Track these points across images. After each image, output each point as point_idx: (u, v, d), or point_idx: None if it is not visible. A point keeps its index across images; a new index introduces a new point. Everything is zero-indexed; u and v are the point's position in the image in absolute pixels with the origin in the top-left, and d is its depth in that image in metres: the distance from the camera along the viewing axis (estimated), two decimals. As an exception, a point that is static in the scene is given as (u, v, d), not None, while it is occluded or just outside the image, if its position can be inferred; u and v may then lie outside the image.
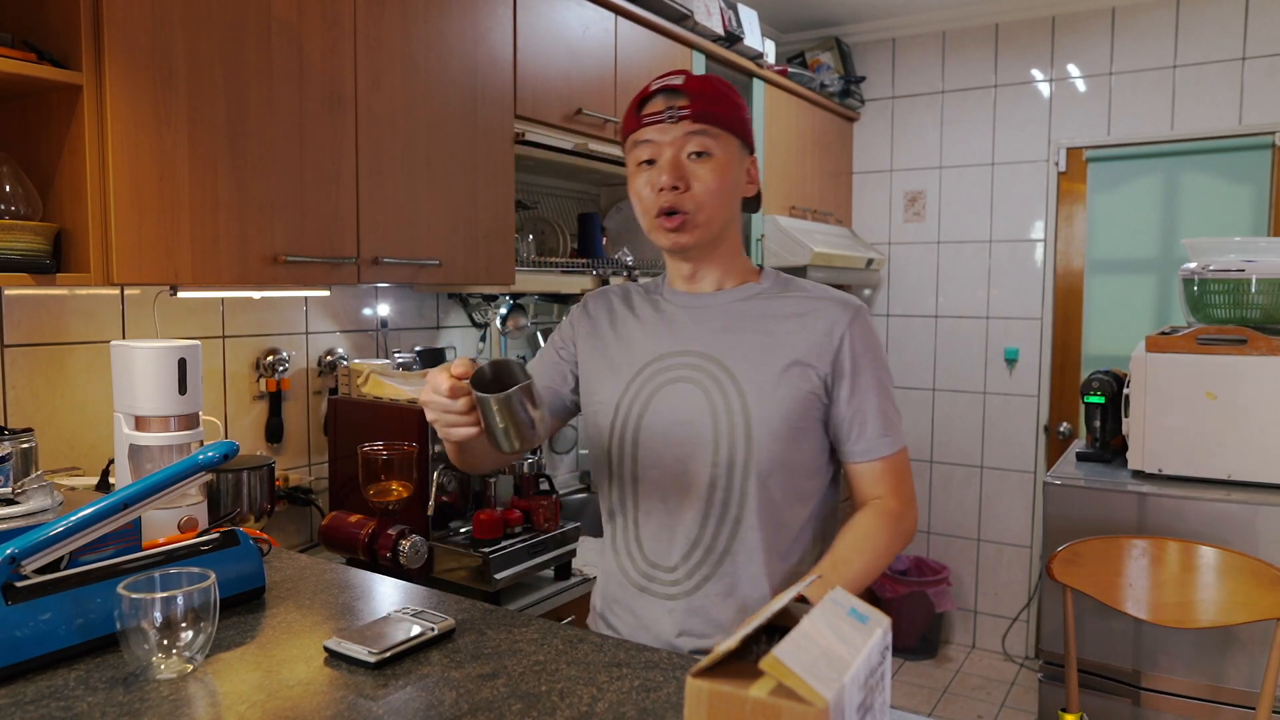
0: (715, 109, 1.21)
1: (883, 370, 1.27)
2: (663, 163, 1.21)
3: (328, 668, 0.97)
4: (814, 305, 1.27)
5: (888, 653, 0.68)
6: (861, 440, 1.24)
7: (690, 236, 1.23)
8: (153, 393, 1.38)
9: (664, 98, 1.22)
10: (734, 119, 1.24)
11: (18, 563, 0.97)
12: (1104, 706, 2.15)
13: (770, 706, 0.57)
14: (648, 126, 1.23)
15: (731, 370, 1.23)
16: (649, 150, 1.23)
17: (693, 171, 1.21)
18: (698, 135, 1.20)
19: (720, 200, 1.23)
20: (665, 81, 1.23)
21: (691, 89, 1.21)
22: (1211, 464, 2.13)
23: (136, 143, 1.41)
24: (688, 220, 1.21)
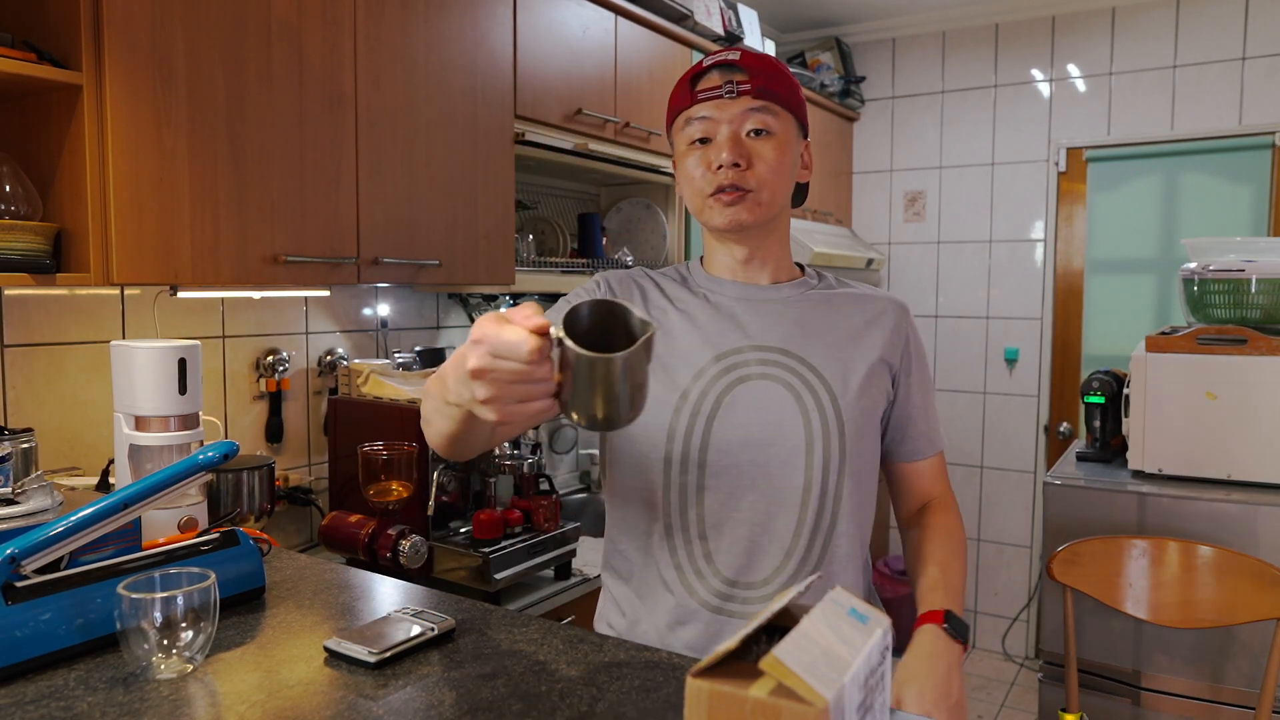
0: (776, 86, 1.16)
1: (928, 367, 1.30)
2: (721, 139, 1.15)
3: (328, 668, 0.97)
4: (875, 303, 1.25)
5: (888, 653, 0.68)
6: (922, 437, 1.26)
7: (750, 214, 1.16)
8: (153, 393, 1.38)
9: (720, 72, 1.16)
10: (794, 98, 1.19)
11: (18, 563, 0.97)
12: (1104, 706, 2.15)
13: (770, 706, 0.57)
14: (703, 102, 1.16)
15: (816, 367, 1.18)
16: (703, 127, 1.16)
17: (754, 149, 1.15)
18: (758, 112, 1.15)
19: (781, 180, 1.17)
20: (722, 57, 1.17)
21: (751, 64, 1.16)
22: (1211, 464, 2.13)
23: (136, 143, 1.41)
24: (749, 198, 1.15)
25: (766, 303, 1.23)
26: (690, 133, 1.17)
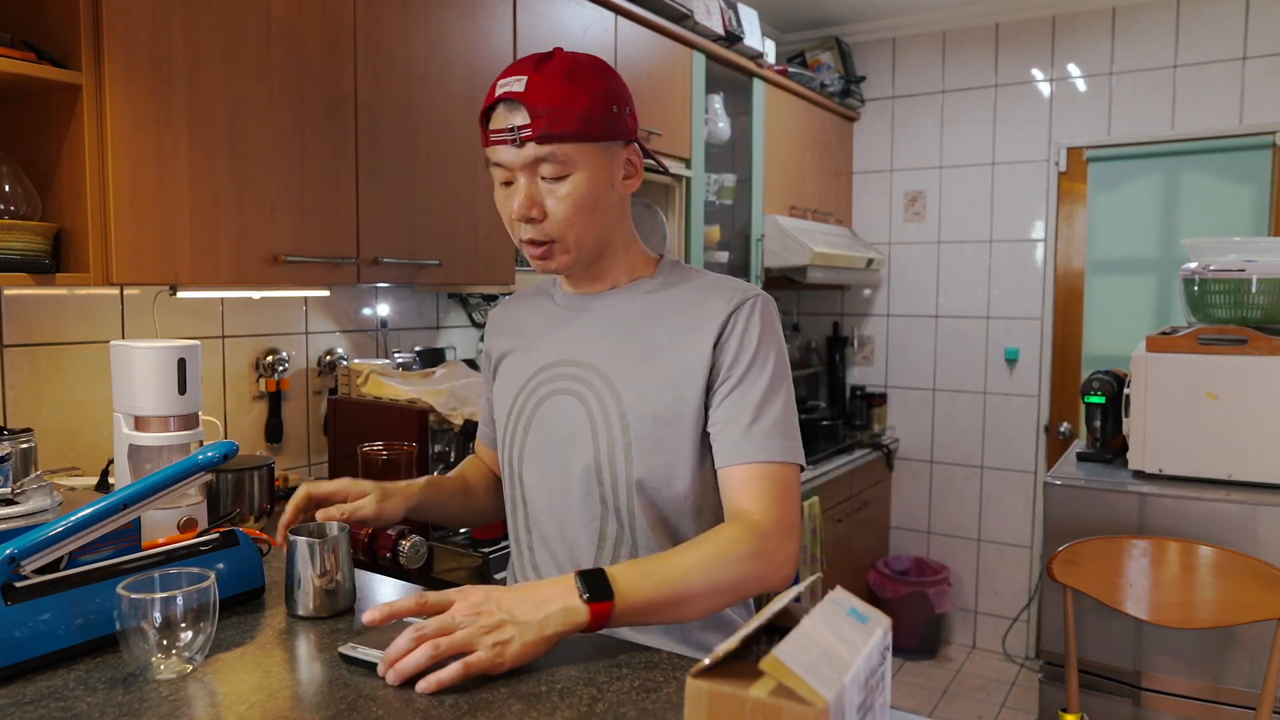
0: (562, 125, 1.06)
1: (767, 367, 1.11)
2: (516, 190, 1.10)
3: (327, 667, 0.97)
4: (702, 298, 1.15)
5: (888, 653, 0.68)
6: (723, 440, 1.09)
7: (558, 263, 1.14)
8: (152, 393, 1.38)
9: (506, 110, 1.08)
10: (591, 125, 1.07)
11: (17, 563, 0.96)
12: (1104, 707, 2.14)
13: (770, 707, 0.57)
14: (494, 145, 1.10)
15: (611, 379, 1.14)
16: (501, 173, 1.11)
17: (549, 195, 1.09)
18: (546, 162, 1.08)
19: (585, 220, 1.11)
20: (507, 88, 1.07)
21: (534, 101, 1.05)
22: (1212, 464, 2.13)
23: (136, 142, 1.41)
24: (554, 248, 1.12)
25: (587, 312, 1.21)
26: (494, 173, 1.13)
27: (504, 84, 1.08)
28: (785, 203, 3.35)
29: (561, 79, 1.07)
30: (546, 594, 0.95)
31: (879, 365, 3.99)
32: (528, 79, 1.06)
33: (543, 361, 1.21)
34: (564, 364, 1.19)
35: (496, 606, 0.92)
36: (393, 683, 0.89)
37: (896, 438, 3.95)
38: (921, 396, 3.90)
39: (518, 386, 1.23)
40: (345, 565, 1.13)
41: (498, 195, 1.15)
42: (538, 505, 1.20)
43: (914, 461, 3.93)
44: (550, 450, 1.17)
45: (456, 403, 1.95)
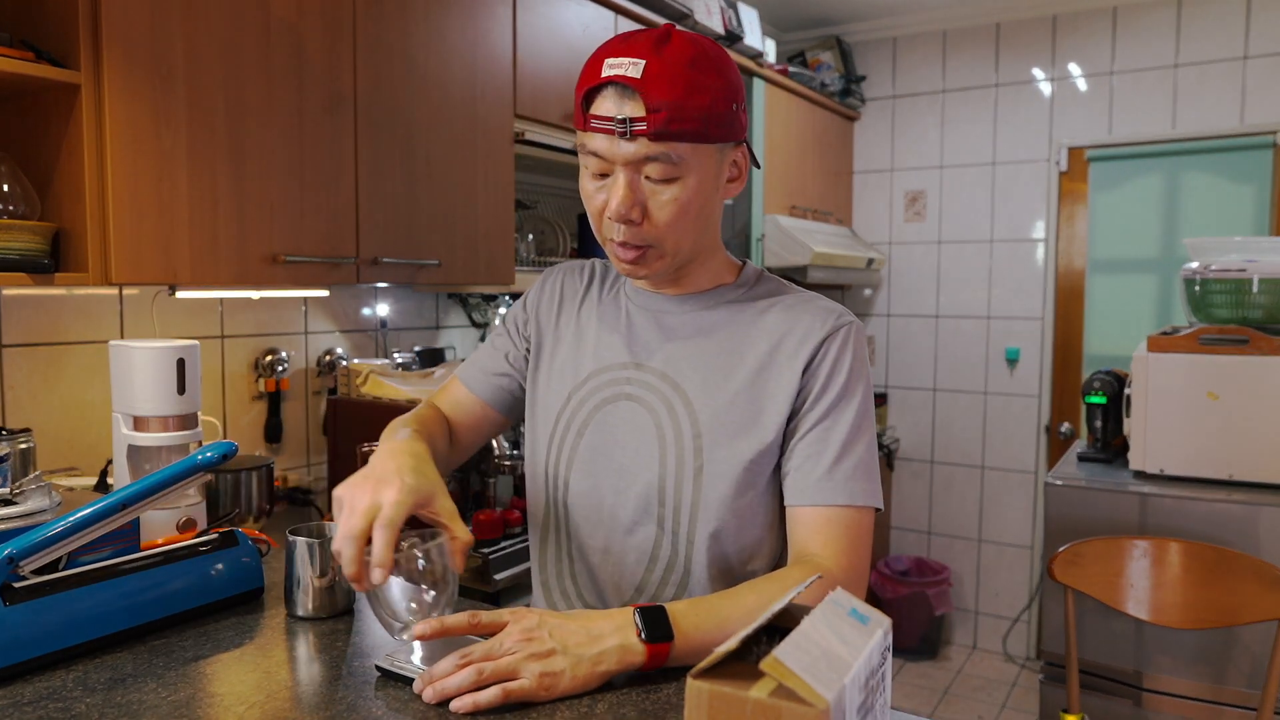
0: (681, 123, 0.94)
1: (854, 402, 1.03)
2: (616, 186, 0.98)
3: (327, 667, 0.97)
4: (791, 317, 1.06)
5: (888, 654, 0.67)
6: (801, 478, 1.01)
7: (648, 269, 1.03)
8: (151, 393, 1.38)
9: (615, 97, 0.95)
10: (711, 126, 0.97)
11: (16, 563, 0.96)
12: (1105, 707, 2.14)
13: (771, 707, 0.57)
14: (596, 132, 0.97)
15: (688, 395, 1.05)
16: (598, 164, 0.99)
17: (653, 197, 0.98)
18: (658, 161, 0.96)
19: (689, 227, 1.01)
20: (619, 71, 0.94)
21: (651, 93, 0.93)
22: (1213, 464, 2.13)
23: (135, 142, 1.40)
24: (648, 254, 1.02)
25: (666, 315, 1.10)
26: (589, 164, 1.01)
27: (615, 64, 0.94)
28: (785, 202, 3.35)
29: (685, 68, 0.94)
30: (603, 627, 0.89)
31: (879, 365, 3.99)
32: (645, 64, 0.93)
33: (606, 360, 1.11)
34: (632, 367, 1.09)
35: (549, 635, 0.87)
36: (429, 700, 0.85)
37: (897, 438, 3.94)
38: (922, 396, 3.90)
39: (572, 383, 1.12)
40: None
41: (587, 185, 1.03)
42: (583, 516, 1.10)
43: (914, 461, 3.93)
44: (607, 459, 1.07)
45: (456, 403, 1.94)
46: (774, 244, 3.19)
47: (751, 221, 3.17)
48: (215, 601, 1.12)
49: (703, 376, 1.06)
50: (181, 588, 1.09)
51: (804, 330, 1.04)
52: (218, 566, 1.14)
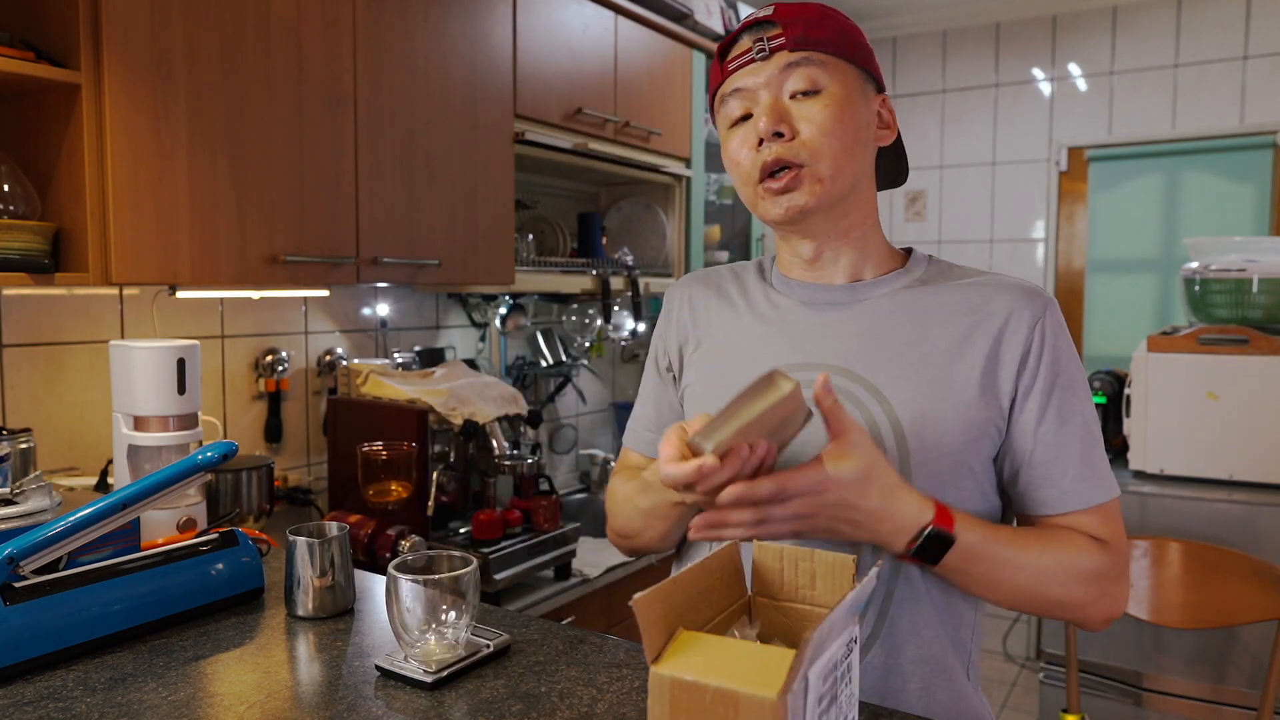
0: (818, 32, 0.94)
1: (1081, 388, 0.95)
2: (760, 108, 0.95)
3: (327, 668, 0.97)
4: (985, 296, 0.96)
5: (854, 645, 0.68)
6: (1050, 485, 0.93)
7: (808, 194, 0.94)
8: (151, 393, 1.38)
9: (751, 35, 0.96)
10: (847, 43, 0.96)
11: (16, 563, 0.96)
12: (1105, 707, 2.14)
13: (729, 695, 0.58)
14: (736, 73, 0.97)
15: (881, 391, 0.94)
16: (741, 102, 0.97)
17: (799, 113, 0.94)
18: (800, 67, 0.94)
19: (842, 143, 0.94)
20: (753, 16, 0.97)
21: (785, 15, 0.95)
22: (1213, 464, 2.13)
23: (135, 142, 1.40)
24: (802, 174, 0.94)
25: (836, 307, 1.00)
26: (728, 112, 0.98)
27: (748, 17, 0.99)
28: (785, 202, 3.35)
29: (814, 4, 0.98)
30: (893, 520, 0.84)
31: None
32: (775, 7, 0.97)
33: (775, 363, 0.98)
34: (810, 368, 0.97)
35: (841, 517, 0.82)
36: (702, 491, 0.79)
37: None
38: (922, 396, 3.90)
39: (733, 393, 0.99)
40: (345, 565, 1.13)
41: (730, 142, 0.99)
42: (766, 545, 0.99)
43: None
44: None
45: (456, 403, 1.95)
46: (774, 244, 3.19)
47: (751, 221, 3.17)
48: (215, 601, 1.12)
49: (896, 369, 0.95)
50: (181, 588, 1.09)
51: (1009, 311, 0.95)
52: (218, 566, 1.14)
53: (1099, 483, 0.94)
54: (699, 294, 1.11)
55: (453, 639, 0.95)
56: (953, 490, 0.93)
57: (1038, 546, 0.91)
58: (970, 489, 0.95)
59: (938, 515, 0.86)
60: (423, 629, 0.93)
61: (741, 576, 0.77)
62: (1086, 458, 0.94)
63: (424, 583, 0.92)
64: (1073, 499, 0.93)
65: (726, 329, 1.06)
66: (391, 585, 0.92)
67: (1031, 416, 0.94)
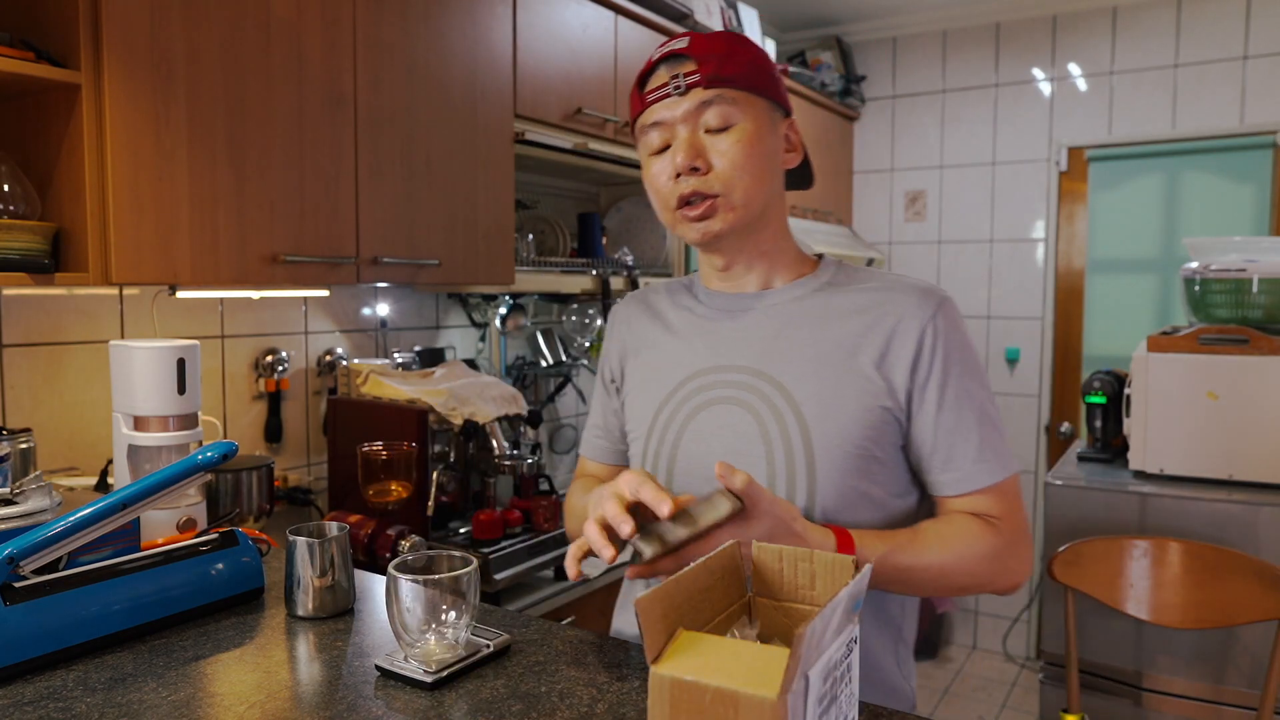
0: (731, 69, 1.01)
1: (976, 377, 1.04)
2: (677, 144, 1.02)
3: (327, 668, 0.97)
4: (883, 298, 1.05)
5: (854, 645, 0.68)
6: (951, 469, 1.02)
7: (722, 221, 1.03)
8: (151, 393, 1.38)
9: (668, 67, 1.03)
10: (759, 77, 1.03)
11: (16, 563, 0.96)
12: (1105, 707, 2.14)
13: (729, 695, 0.58)
14: (654, 105, 1.03)
15: (788, 389, 1.02)
16: (660, 134, 1.04)
17: (713, 147, 1.02)
18: (714, 105, 1.01)
19: (753, 175, 1.02)
20: (668, 48, 1.03)
21: (700, 50, 1.02)
22: (1213, 464, 2.13)
23: (135, 142, 1.40)
24: (716, 204, 1.02)
25: (747, 313, 1.10)
26: (649, 141, 1.06)
27: (663, 46, 1.05)
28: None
29: (726, 38, 1.05)
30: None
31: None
32: (690, 38, 1.03)
33: (695, 366, 1.09)
34: (724, 369, 1.07)
35: None
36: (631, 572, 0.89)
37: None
38: (922, 396, 3.89)
39: (663, 393, 1.11)
40: (345, 565, 1.13)
41: (650, 169, 1.06)
42: None
43: (914, 461, 3.93)
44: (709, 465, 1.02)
45: (456, 403, 1.95)
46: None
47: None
48: (215, 601, 1.13)
49: (799, 367, 1.03)
50: (182, 588, 1.09)
51: (903, 310, 1.03)
52: (218, 566, 1.14)
53: (996, 464, 1.02)
54: (635, 312, 1.22)
55: (453, 639, 0.95)
56: (855, 476, 1.00)
57: (935, 545, 0.99)
58: (878, 477, 1.02)
59: (839, 543, 0.93)
60: (423, 629, 0.93)
61: (742, 576, 0.77)
62: (984, 442, 1.02)
63: (424, 583, 0.92)
64: (972, 480, 1.02)
65: (656, 339, 1.16)
66: (391, 585, 0.92)
67: (930, 407, 1.02)
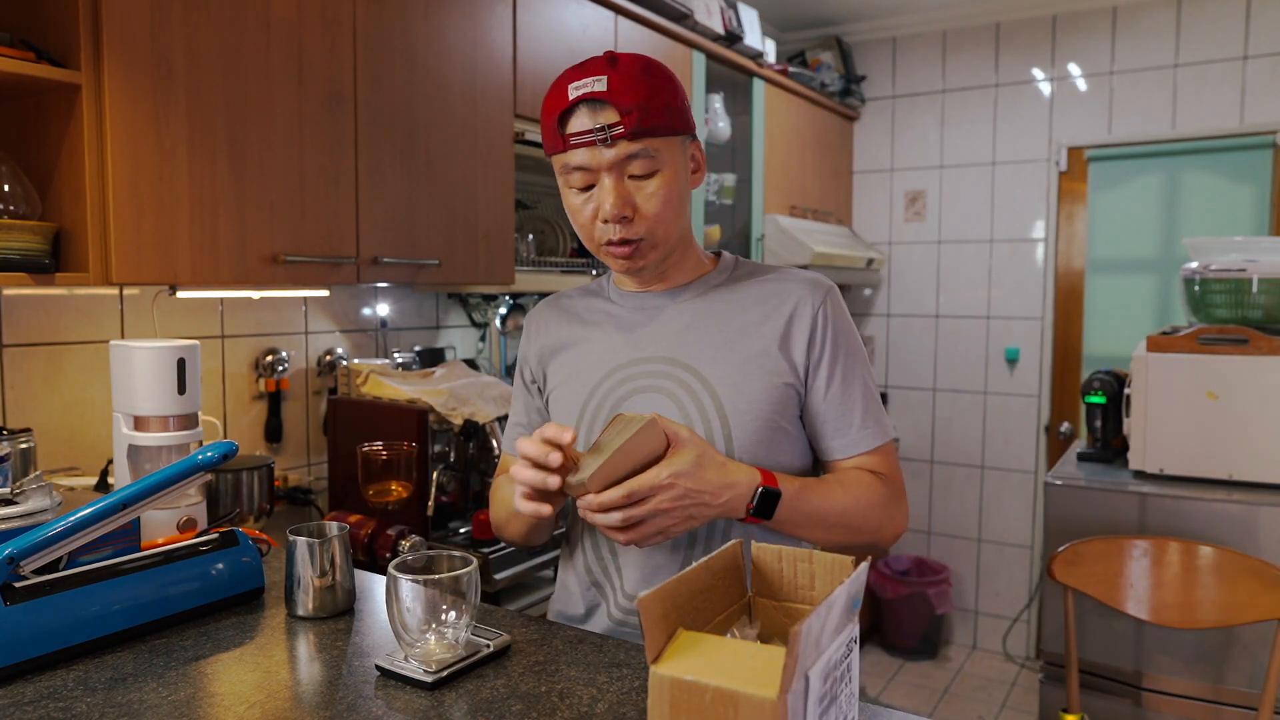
0: (653, 118, 1.05)
1: (859, 355, 1.17)
2: (604, 191, 1.08)
3: (327, 667, 0.97)
4: (779, 288, 1.16)
5: (854, 645, 0.68)
6: (841, 435, 1.14)
7: (645, 259, 1.12)
8: (152, 393, 1.38)
9: (589, 112, 1.05)
10: (674, 118, 1.09)
11: (16, 563, 0.96)
12: (1105, 707, 2.14)
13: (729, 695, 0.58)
14: (576, 148, 1.07)
15: (701, 372, 1.13)
16: (583, 176, 1.09)
17: (638, 193, 1.08)
18: (639, 158, 1.06)
19: (673, 213, 1.11)
20: (586, 89, 1.05)
21: (620, 99, 1.04)
22: (1212, 464, 2.13)
23: (135, 142, 1.40)
24: (641, 246, 1.11)
25: (661, 310, 1.19)
26: (572, 180, 1.10)
27: (580, 85, 1.05)
28: (785, 202, 3.35)
29: (640, 74, 1.06)
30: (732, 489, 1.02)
31: (879, 365, 3.99)
32: (607, 78, 1.04)
33: (615, 361, 1.18)
34: (644, 361, 1.16)
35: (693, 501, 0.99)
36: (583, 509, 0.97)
37: (897, 438, 3.94)
38: (922, 396, 3.90)
39: (587, 388, 1.18)
40: (345, 565, 1.13)
41: (572, 200, 1.12)
42: None
43: (914, 461, 3.93)
44: None
45: (456, 403, 1.95)
46: (774, 244, 3.19)
47: (751, 221, 3.17)
48: (215, 601, 1.13)
49: (711, 354, 1.14)
50: (182, 587, 1.09)
51: (797, 298, 1.15)
52: (218, 566, 1.14)
53: (878, 430, 1.16)
54: (550, 316, 1.29)
55: (453, 639, 0.95)
56: (769, 445, 1.11)
57: (839, 489, 1.11)
58: (786, 444, 1.14)
59: (764, 477, 1.05)
60: (423, 629, 0.93)
61: (742, 576, 0.77)
62: (868, 411, 1.15)
63: (424, 583, 0.92)
64: (859, 444, 1.15)
65: (575, 339, 1.24)
66: (391, 585, 0.92)
67: (822, 381, 1.14)
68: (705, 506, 1.00)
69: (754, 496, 1.03)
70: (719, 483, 1.00)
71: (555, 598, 1.28)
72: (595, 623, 1.19)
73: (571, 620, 1.21)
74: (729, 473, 1.02)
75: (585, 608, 1.20)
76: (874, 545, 1.16)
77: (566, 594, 1.24)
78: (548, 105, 1.10)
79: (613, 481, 0.96)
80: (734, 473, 1.03)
